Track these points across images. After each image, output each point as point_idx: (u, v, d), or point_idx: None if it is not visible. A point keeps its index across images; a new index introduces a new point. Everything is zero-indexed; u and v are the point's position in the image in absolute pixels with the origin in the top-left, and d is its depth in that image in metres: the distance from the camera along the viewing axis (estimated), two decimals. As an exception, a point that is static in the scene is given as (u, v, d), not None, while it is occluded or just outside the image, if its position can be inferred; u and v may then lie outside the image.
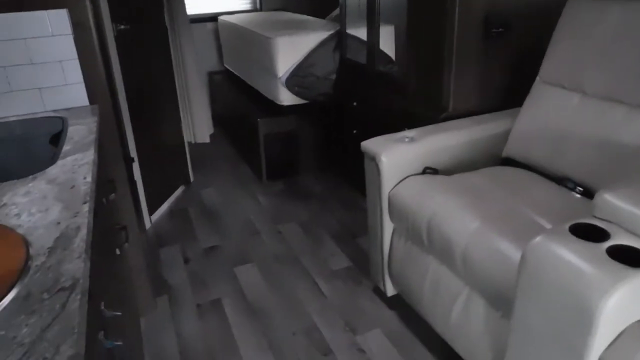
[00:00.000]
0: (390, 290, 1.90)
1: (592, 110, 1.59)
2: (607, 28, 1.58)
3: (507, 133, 1.87)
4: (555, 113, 1.70)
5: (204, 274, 2.24)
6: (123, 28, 2.34)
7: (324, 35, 2.93)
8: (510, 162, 1.86)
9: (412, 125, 1.94)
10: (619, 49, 1.54)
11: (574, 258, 1.00)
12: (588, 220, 1.10)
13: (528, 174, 1.74)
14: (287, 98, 2.98)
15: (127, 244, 1.59)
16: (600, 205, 1.09)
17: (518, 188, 1.62)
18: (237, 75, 3.87)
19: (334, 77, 2.94)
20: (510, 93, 2.05)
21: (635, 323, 0.99)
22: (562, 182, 1.64)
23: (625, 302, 0.93)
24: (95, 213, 1.00)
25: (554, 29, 1.76)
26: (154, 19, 2.82)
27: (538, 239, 1.07)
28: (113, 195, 1.51)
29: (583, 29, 1.66)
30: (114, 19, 2.23)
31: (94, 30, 1.59)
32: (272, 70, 2.94)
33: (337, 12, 3.17)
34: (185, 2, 3.15)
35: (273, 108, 3.07)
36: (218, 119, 4.19)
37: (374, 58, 2.54)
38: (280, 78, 2.91)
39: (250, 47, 3.26)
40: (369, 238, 1.93)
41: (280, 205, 2.84)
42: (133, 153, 2.41)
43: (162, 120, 2.87)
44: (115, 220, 1.64)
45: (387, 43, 2.57)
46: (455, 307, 1.49)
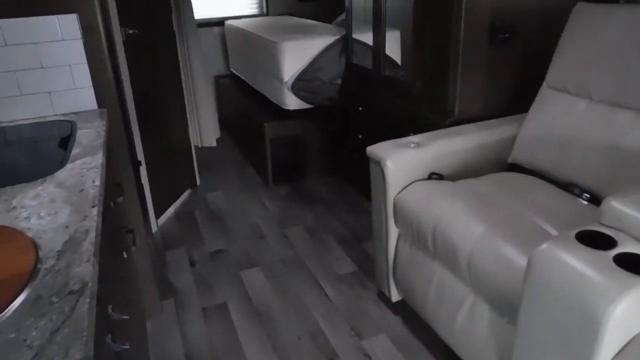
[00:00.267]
0: (395, 296, 1.90)
1: (598, 116, 1.59)
2: (613, 33, 1.58)
3: (513, 139, 1.87)
4: (562, 118, 1.70)
5: (210, 278, 2.24)
6: (131, 32, 2.36)
7: (330, 40, 2.93)
8: (516, 167, 1.85)
9: (417, 130, 1.94)
10: (626, 54, 1.54)
11: (581, 265, 0.99)
12: (595, 227, 1.09)
13: (534, 180, 1.73)
14: (292, 102, 2.99)
15: (134, 247, 1.60)
16: (607, 212, 1.08)
17: (524, 194, 1.62)
18: (243, 80, 3.88)
19: (340, 81, 2.94)
20: (516, 98, 2.05)
21: (642, 331, 0.99)
22: (568, 188, 1.64)
23: (633, 310, 0.93)
24: (104, 216, 1.01)
25: (560, 35, 1.76)
26: (162, 23, 2.84)
27: (544, 246, 1.07)
28: (121, 199, 1.52)
29: (589, 35, 1.65)
30: (123, 23, 2.25)
31: (103, 35, 1.60)
32: (277, 75, 2.95)
33: (343, 17, 3.18)
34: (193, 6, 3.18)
35: (279, 112, 3.08)
36: (224, 123, 4.21)
37: (380, 63, 2.54)
38: (286, 82, 2.92)
39: (257, 51, 3.27)
40: (374, 243, 1.93)
41: (287, 209, 2.85)
42: (140, 156, 2.42)
43: (169, 124, 2.89)
44: (123, 224, 1.65)
45: (393, 48, 2.58)
46: (460, 313, 1.49)
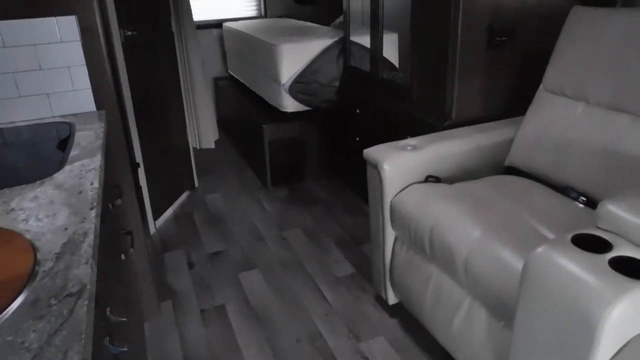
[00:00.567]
0: (392, 299, 1.91)
1: (595, 119, 1.59)
2: (610, 37, 1.59)
3: (510, 142, 1.87)
4: (559, 122, 1.70)
5: (209, 280, 2.24)
6: (130, 34, 2.36)
7: (328, 42, 2.94)
8: (513, 171, 1.86)
9: (415, 133, 1.95)
10: (623, 58, 1.54)
11: (576, 269, 1.00)
12: (591, 231, 1.10)
13: (531, 183, 1.74)
14: (290, 105, 2.99)
15: (132, 249, 1.60)
16: (603, 216, 1.09)
17: (521, 197, 1.62)
18: (241, 82, 3.89)
19: (338, 84, 2.95)
20: (514, 101, 2.06)
21: (639, 335, 0.99)
22: (565, 191, 1.64)
23: (629, 314, 0.93)
24: (102, 218, 1.01)
25: (558, 38, 1.77)
26: (161, 25, 2.85)
27: (540, 249, 1.07)
28: (119, 201, 1.52)
29: (586, 38, 1.66)
30: (122, 25, 2.26)
31: (102, 37, 1.60)
32: (275, 77, 2.95)
33: (341, 19, 3.19)
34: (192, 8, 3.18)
35: (278, 114, 3.08)
36: (223, 125, 4.21)
37: (378, 65, 2.55)
38: (284, 85, 2.92)
39: (255, 53, 3.27)
40: (371, 246, 1.94)
41: (285, 211, 2.85)
42: (139, 158, 2.42)
43: (167, 126, 2.89)
44: (121, 226, 1.65)
45: (390, 50, 2.59)
46: (457, 316, 1.49)
